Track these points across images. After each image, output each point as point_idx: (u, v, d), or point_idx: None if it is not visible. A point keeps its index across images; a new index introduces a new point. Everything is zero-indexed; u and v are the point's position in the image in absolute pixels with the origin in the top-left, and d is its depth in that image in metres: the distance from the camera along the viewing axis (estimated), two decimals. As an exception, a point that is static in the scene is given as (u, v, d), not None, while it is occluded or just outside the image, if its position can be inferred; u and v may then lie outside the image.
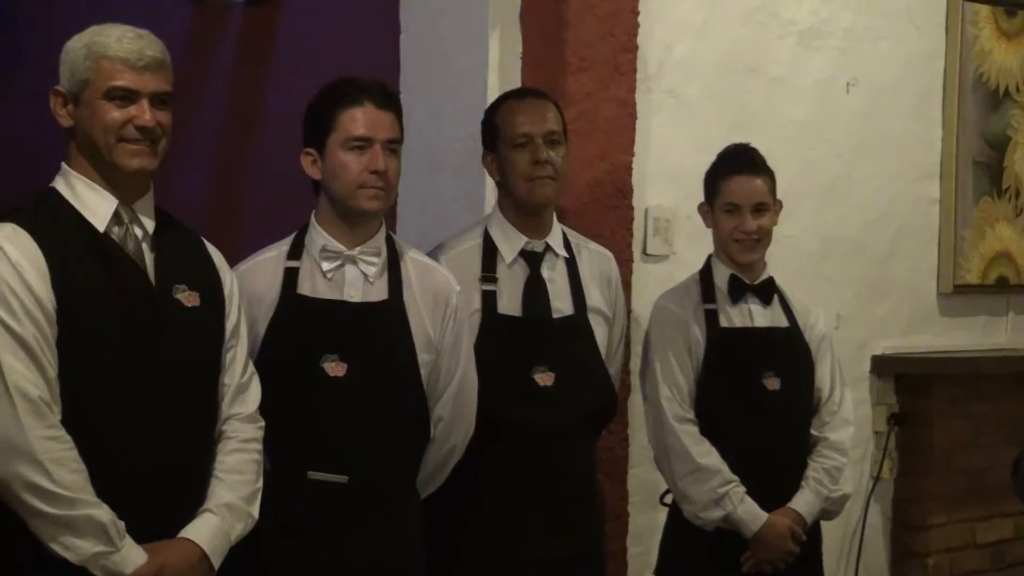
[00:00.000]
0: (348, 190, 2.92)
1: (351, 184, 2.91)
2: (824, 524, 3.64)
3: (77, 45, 2.63)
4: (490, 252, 3.27)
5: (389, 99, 2.97)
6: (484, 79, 3.66)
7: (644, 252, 3.98)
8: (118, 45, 2.60)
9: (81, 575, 2.51)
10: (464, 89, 3.70)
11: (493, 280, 3.24)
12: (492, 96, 3.51)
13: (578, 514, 3.29)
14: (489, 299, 3.23)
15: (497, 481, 3.19)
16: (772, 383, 3.47)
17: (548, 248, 3.30)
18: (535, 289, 3.26)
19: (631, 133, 3.87)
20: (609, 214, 3.83)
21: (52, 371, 2.52)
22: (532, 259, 3.28)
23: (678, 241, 4.03)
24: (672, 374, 3.45)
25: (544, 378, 3.21)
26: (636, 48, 3.87)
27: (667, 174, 4.00)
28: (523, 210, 3.27)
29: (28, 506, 2.48)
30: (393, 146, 2.94)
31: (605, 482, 3.64)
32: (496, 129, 3.27)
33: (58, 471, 2.47)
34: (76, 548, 2.49)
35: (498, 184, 3.32)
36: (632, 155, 3.88)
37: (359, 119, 2.91)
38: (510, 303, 3.24)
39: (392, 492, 2.98)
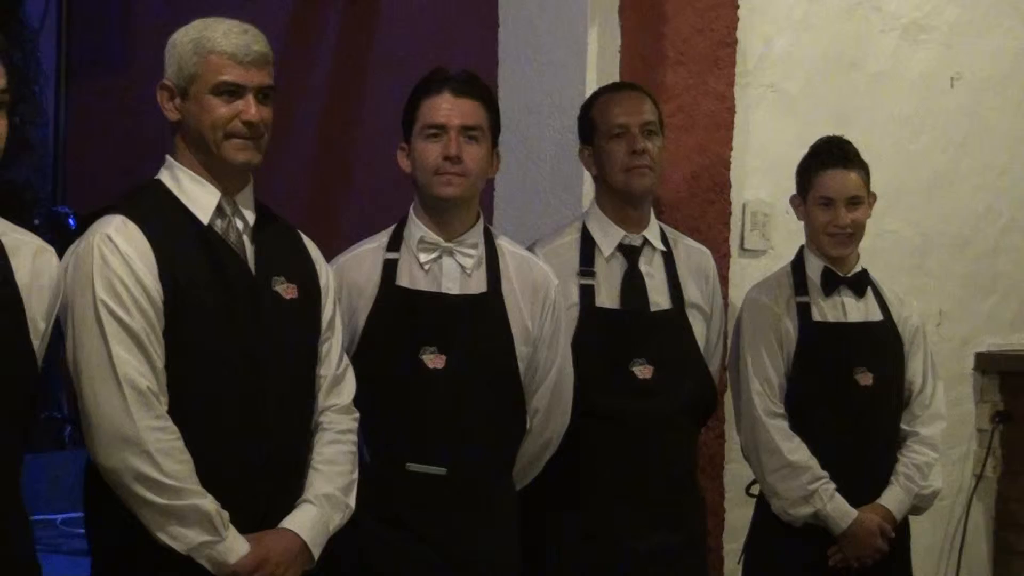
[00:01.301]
0: (426, 177, 2.94)
1: (428, 171, 2.93)
2: (925, 522, 3.60)
3: (184, 40, 2.66)
4: (588, 246, 3.27)
5: (471, 87, 2.97)
6: (582, 73, 3.65)
7: (741, 247, 3.95)
8: (225, 40, 2.63)
9: (187, 564, 2.55)
10: (562, 83, 3.70)
11: (591, 274, 3.24)
12: (590, 90, 3.52)
13: (678, 507, 3.28)
14: (587, 293, 3.23)
15: (595, 474, 3.20)
16: (864, 378, 3.44)
17: (646, 242, 3.30)
18: (633, 283, 3.26)
19: (729, 127, 3.85)
20: (707, 209, 3.81)
21: (160, 362, 2.56)
22: (630, 253, 3.28)
23: (776, 236, 4.00)
24: (763, 368, 3.43)
25: (643, 371, 3.21)
26: (735, 42, 3.85)
27: (766, 169, 3.97)
28: (621, 203, 3.27)
29: (137, 496, 2.51)
30: (472, 133, 2.94)
31: (701, 478, 3.63)
32: (593, 122, 3.28)
33: (166, 461, 2.51)
34: (182, 537, 2.52)
35: (595, 178, 3.33)
36: (730, 149, 3.86)
37: (436, 107, 2.93)
38: (608, 297, 3.24)
39: (489, 484, 2.99)
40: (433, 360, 2.93)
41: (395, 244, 3.00)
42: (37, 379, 2.48)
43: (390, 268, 2.98)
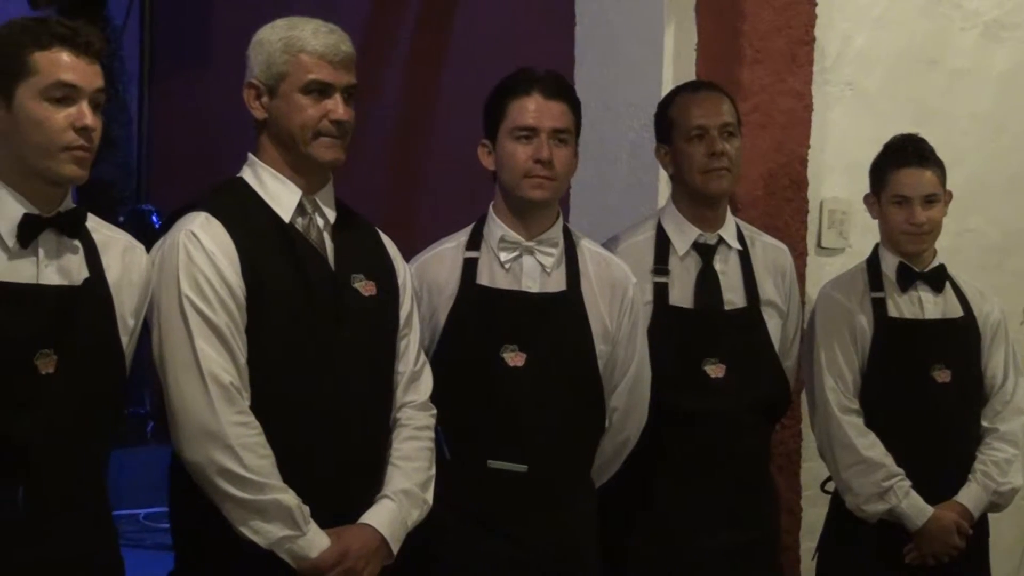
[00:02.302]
0: (515, 179, 2.95)
1: (518, 173, 2.94)
2: (1005, 520, 3.56)
3: (272, 38, 2.69)
4: (663, 244, 3.27)
5: (560, 89, 2.98)
6: (659, 71, 3.65)
7: (819, 245, 3.94)
8: (315, 40, 2.67)
9: (269, 559, 2.58)
10: (638, 81, 3.70)
11: (665, 272, 3.24)
12: (666, 88, 3.52)
13: (752, 504, 3.28)
14: (661, 291, 3.23)
15: (669, 471, 3.20)
16: (942, 375, 3.42)
17: (721, 241, 3.29)
18: (707, 281, 3.26)
19: (807, 126, 3.83)
20: (784, 207, 3.80)
21: (242, 357, 2.59)
22: (705, 251, 3.27)
23: (854, 234, 3.97)
24: (837, 364, 3.42)
25: (715, 370, 3.21)
26: (813, 40, 3.83)
27: (844, 167, 3.95)
28: (698, 202, 3.27)
29: (220, 490, 2.55)
30: (562, 136, 2.95)
31: (778, 476, 3.62)
32: (670, 122, 3.28)
33: (248, 456, 2.55)
34: (264, 532, 2.56)
35: (671, 177, 3.33)
36: (808, 148, 3.85)
37: (526, 109, 2.93)
38: (682, 295, 3.24)
39: (569, 481, 3.00)
40: (513, 358, 2.94)
41: (475, 243, 3.02)
42: (126, 376, 2.53)
43: (470, 267, 3.00)
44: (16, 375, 2.36)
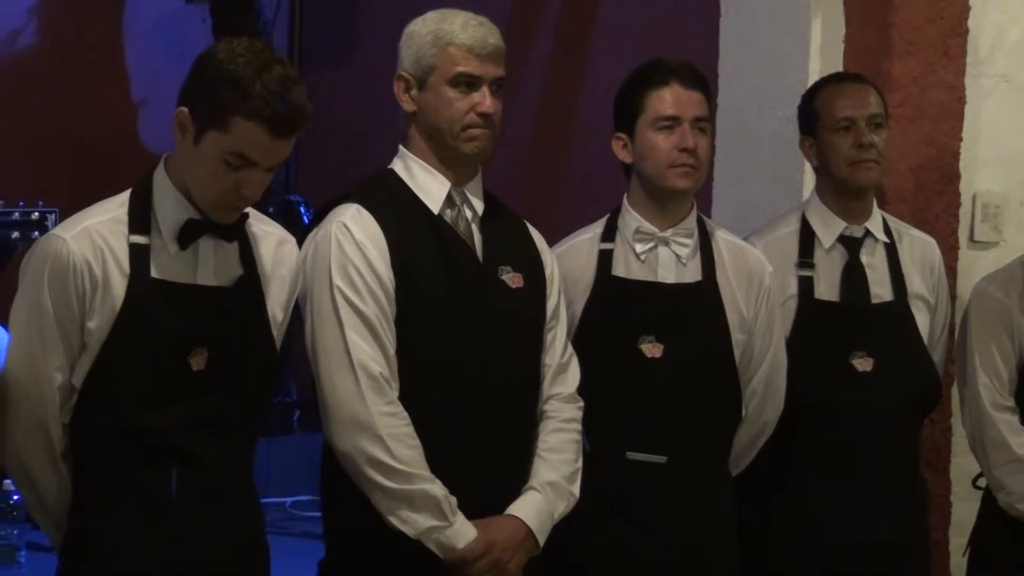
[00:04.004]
0: (659, 170, 2.94)
1: (662, 164, 2.93)
2: None
3: (422, 31, 2.72)
4: (807, 237, 3.24)
5: (696, 78, 2.97)
6: (805, 63, 3.62)
7: (971, 239, 3.86)
8: (464, 33, 2.69)
9: (416, 548, 2.62)
10: (784, 73, 3.66)
11: (810, 265, 3.21)
12: (812, 80, 3.48)
13: (899, 499, 3.24)
14: (806, 284, 3.20)
15: (814, 465, 3.18)
16: None
17: (867, 233, 3.25)
18: (854, 274, 3.22)
19: (959, 118, 3.76)
20: (934, 200, 3.74)
21: (392, 348, 2.63)
22: (851, 244, 3.24)
23: (1008, 228, 3.89)
24: (991, 361, 3.33)
25: (863, 363, 3.17)
26: (966, 31, 3.76)
27: (998, 160, 3.86)
28: (844, 195, 3.23)
29: (369, 480, 2.60)
30: (702, 124, 2.95)
31: (927, 472, 3.57)
32: (815, 114, 3.24)
33: (396, 446, 2.59)
34: (412, 522, 2.60)
35: (816, 169, 3.30)
36: (960, 140, 3.77)
37: (667, 99, 2.93)
38: (828, 288, 3.21)
39: (707, 472, 3.00)
40: (651, 349, 2.94)
41: (609, 234, 3.02)
42: (274, 369, 2.59)
43: (605, 258, 3.00)
44: (169, 372, 2.43)
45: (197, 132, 2.39)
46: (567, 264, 2.98)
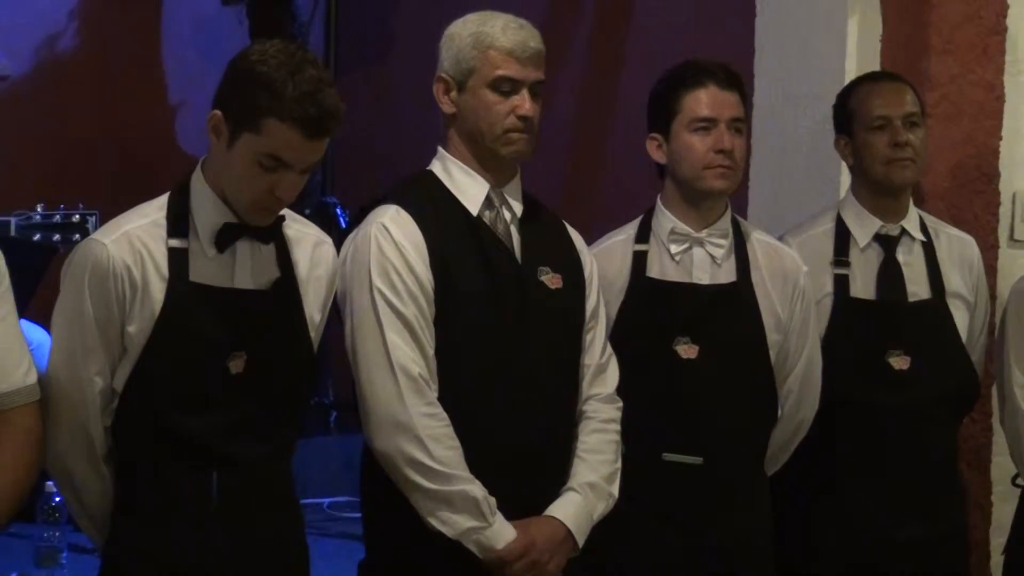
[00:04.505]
0: (695, 171, 2.94)
1: (698, 165, 2.93)
2: None
3: (463, 33, 2.72)
4: (843, 236, 3.23)
5: (732, 79, 2.97)
6: (841, 62, 3.61)
7: (1011, 237, 3.83)
8: (504, 36, 2.69)
9: (456, 549, 2.62)
10: (820, 72, 3.66)
11: (846, 264, 3.21)
12: (849, 79, 3.47)
13: (937, 499, 3.23)
14: (841, 283, 3.20)
15: (851, 464, 3.17)
16: None
17: (904, 232, 3.24)
18: (890, 273, 3.22)
19: (998, 117, 3.73)
20: (973, 199, 3.72)
21: (430, 349, 2.64)
22: (887, 243, 3.23)
23: (1051, 227, 3.86)
24: None
25: (899, 362, 3.17)
26: (1005, 30, 3.74)
27: (1039, 159, 3.84)
28: (879, 193, 3.23)
29: (409, 480, 2.60)
30: (738, 125, 2.95)
31: (967, 471, 3.56)
32: (851, 112, 3.24)
33: (436, 447, 2.59)
34: (452, 523, 2.60)
35: (851, 168, 3.29)
36: (999, 139, 3.75)
37: (703, 100, 2.92)
38: (864, 287, 3.21)
39: (743, 472, 3.00)
40: (686, 350, 2.94)
41: (643, 235, 3.02)
42: (312, 371, 2.60)
43: (640, 260, 3.00)
44: (209, 376, 2.44)
45: (231, 135, 2.40)
46: (601, 266, 2.97)
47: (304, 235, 2.58)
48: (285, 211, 2.54)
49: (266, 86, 2.36)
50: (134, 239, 2.43)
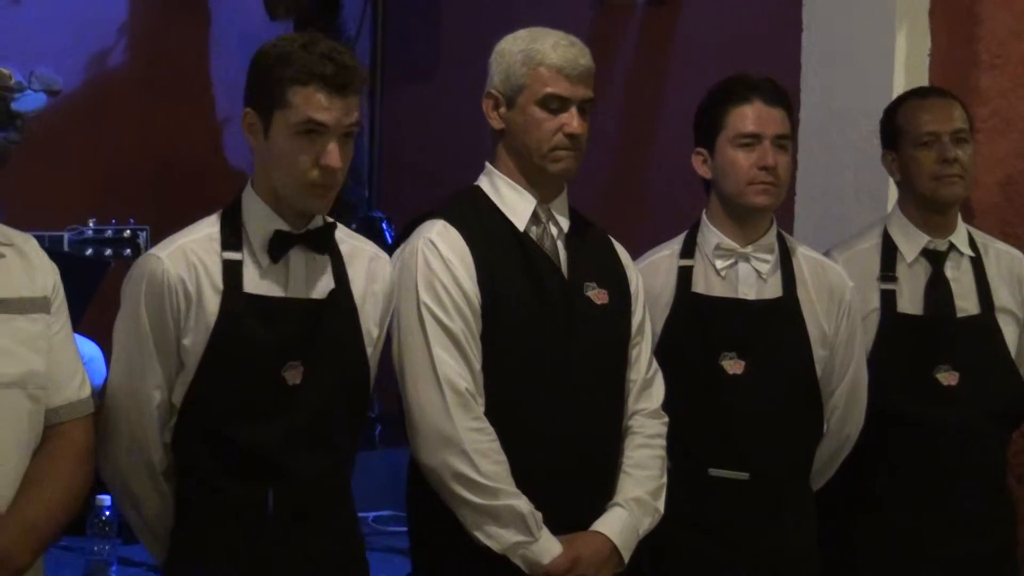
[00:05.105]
0: (738, 187, 2.94)
1: (741, 181, 2.93)
2: None
3: (513, 49, 2.74)
4: (890, 251, 3.23)
5: (778, 95, 2.97)
6: (889, 77, 3.60)
7: (1060, 253, 3.80)
8: (554, 53, 2.70)
9: (502, 563, 2.63)
10: (868, 87, 3.65)
11: (893, 279, 3.20)
12: (897, 95, 3.44)
13: (986, 515, 3.21)
14: (889, 298, 3.19)
15: (898, 480, 3.16)
16: None
17: (952, 247, 3.23)
18: (938, 288, 3.21)
19: (1050, 131, 3.73)
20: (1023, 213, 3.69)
21: (477, 364, 2.65)
22: (934, 258, 3.22)
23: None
24: None
25: (948, 377, 3.16)
26: (1054, 43, 3.72)
27: (1092, 173, 3.81)
28: (927, 208, 3.22)
29: (455, 495, 2.61)
30: (783, 142, 2.94)
31: (1016, 487, 3.52)
32: (898, 128, 3.23)
33: (482, 462, 2.60)
34: (498, 537, 2.61)
35: (899, 184, 3.28)
36: (1052, 153, 3.74)
37: (748, 116, 2.93)
38: (911, 302, 3.20)
39: (790, 487, 3.00)
40: (732, 366, 2.94)
41: (689, 251, 3.03)
42: (369, 384, 2.60)
43: (685, 275, 3.00)
44: (265, 386, 2.45)
45: (264, 124, 2.44)
46: (646, 281, 2.98)
47: (359, 250, 2.60)
48: (339, 228, 2.56)
49: (283, 60, 2.42)
50: (189, 252, 2.46)
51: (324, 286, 2.52)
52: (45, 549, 2.37)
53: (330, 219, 2.55)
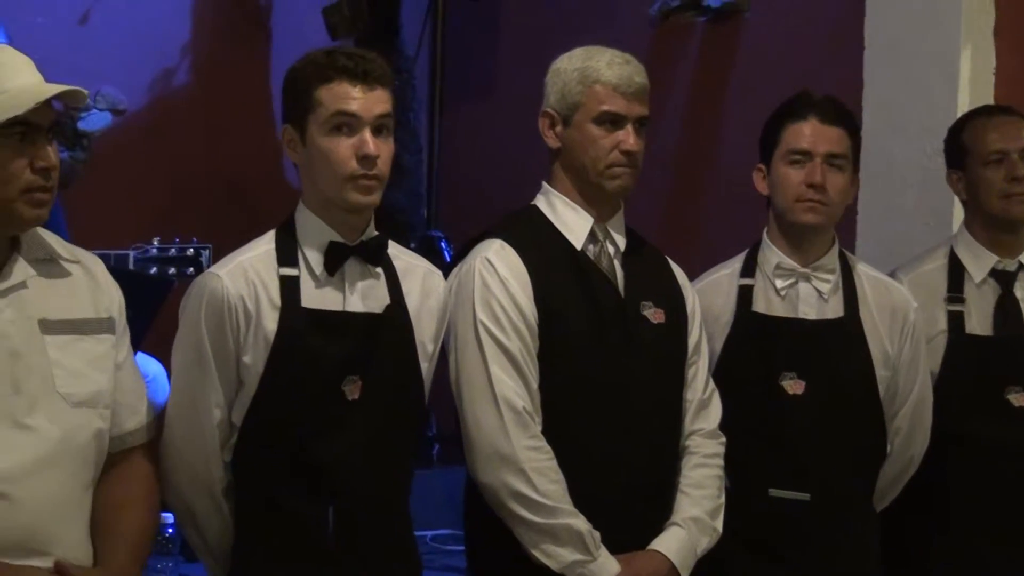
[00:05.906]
0: (787, 203, 2.93)
1: (790, 197, 2.92)
2: None
3: (569, 68, 2.74)
4: (956, 272, 3.19)
5: (838, 114, 2.95)
6: (954, 96, 3.58)
7: None
8: (610, 71, 2.71)
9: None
10: (932, 106, 3.63)
11: (960, 300, 3.17)
12: (961, 113, 3.43)
13: None
14: (956, 319, 3.15)
15: (970, 503, 3.12)
16: None
17: (1021, 266, 3.19)
18: (1007, 309, 3.17)
19: (1123, 148, 3.66)
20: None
21: (534, 383, 2.65)
22: (1004, 278, 3.18)
23: None
24: None
25: (1019, 398, 3.12)
26: (1118, 58, 3.67)
27: None
28: (995, 228, 3.18)
29: (514, 514, 2.61)
30: (837, 161, 2.91)
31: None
32: (964, 147, 3.20)
33: (540, 480, 2.60)
34: (556, 556, 2.61)
35: (965, 203, 3.25)
36: (1123, 171, 3.67)
37: (802, 133, 2.91)
38: (980, 323, 3.16)
39: (852, 508, 2.97)
40: (793, 386, 2.92)
41: (749, 270, 3.01)
42: (425, 400, 2.62)
43: (745, 294, 2.99)
44: (325, 401, 2.46)
45: (301, 131, 2.48)
46: (706, 300, 2.97)
47: (413, 267, 2.61)
48: (393, 245, 2.57)
49: (307, 69, 2.48)
50: (248, 269, 2.48)
51: (380, 300, 2.52)
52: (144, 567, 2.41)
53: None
